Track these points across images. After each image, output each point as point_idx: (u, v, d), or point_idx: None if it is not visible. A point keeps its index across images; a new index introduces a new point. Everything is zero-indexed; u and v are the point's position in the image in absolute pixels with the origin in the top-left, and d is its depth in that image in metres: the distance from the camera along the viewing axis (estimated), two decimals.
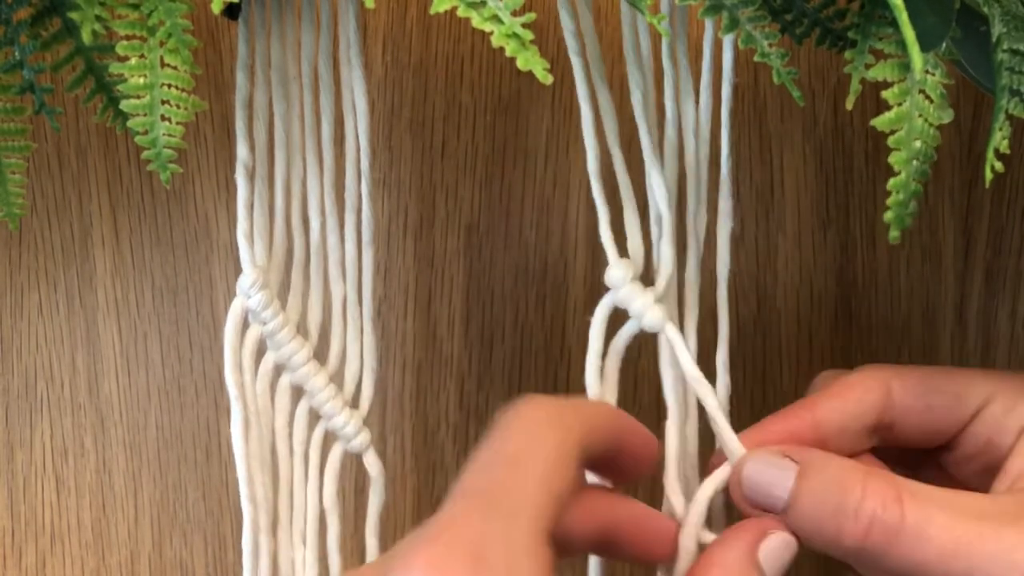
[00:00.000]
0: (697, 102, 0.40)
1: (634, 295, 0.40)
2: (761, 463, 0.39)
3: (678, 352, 0.40)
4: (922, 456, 0.43)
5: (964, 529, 0.36)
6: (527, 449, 0.34)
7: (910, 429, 0.41)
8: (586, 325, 0.41)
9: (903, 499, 0.37)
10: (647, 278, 0.41)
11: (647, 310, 0.40)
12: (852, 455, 0.40)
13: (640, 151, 0.41)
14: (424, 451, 0.56)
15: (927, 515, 0.36)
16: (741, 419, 0.48)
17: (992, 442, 0.40)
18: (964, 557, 0.36)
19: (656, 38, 0.39)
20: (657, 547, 0.40)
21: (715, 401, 0.41)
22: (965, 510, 0.37)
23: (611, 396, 0.41)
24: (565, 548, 0.36)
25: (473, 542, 0.31)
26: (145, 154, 0.38)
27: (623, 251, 0.41)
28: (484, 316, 0.55)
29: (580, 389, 0.42)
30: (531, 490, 0.33)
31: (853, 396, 0.41)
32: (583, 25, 0.39)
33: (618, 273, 0.41)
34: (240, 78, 0.41)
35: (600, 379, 0.41)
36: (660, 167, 0.41)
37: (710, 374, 0.42)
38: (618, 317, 0.41)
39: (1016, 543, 0.36)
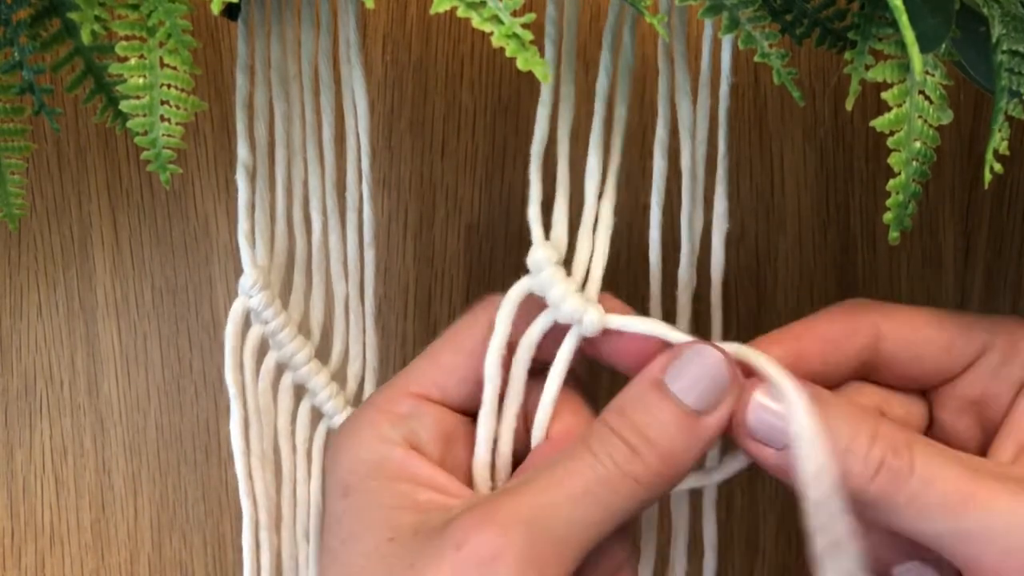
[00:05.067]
0: (695, 101, 0.40)
1: (554, 282, 0.38)
2: (771, 396, 0.36)
3: (630, 328, 0.38)
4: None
5: (972, 482, 0.35)
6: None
7: (895, 375, 0.39)
8: None
9: (913, 448, 0.36)
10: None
11: (567, 298, 0.37)
12: (830, 387, 0.39)
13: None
14: None
15: (936, 465, 0.35)
16: None
17: (987, 396, 0.39)
18: (969, 510, 0.35)
19: (646, 32, 0.39)
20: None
21: (680, 334, 0.38)
22: (975, 465, 0.36)
23: (515, 395, 0.39)
24: None
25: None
26: (145, 155, 0.38)
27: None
28: None
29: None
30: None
31: (834, 335, 0.39)
32: (567, 16, 0.39)
33: (540, 255, 0.38)
34: (240, 78, 0.41)
35: (499, 373, 0.38)
36: (600, 154, 0.39)
37: None
38: None
39: None
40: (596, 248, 0.39)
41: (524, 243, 0.54)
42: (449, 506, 0.36)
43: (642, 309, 0.41)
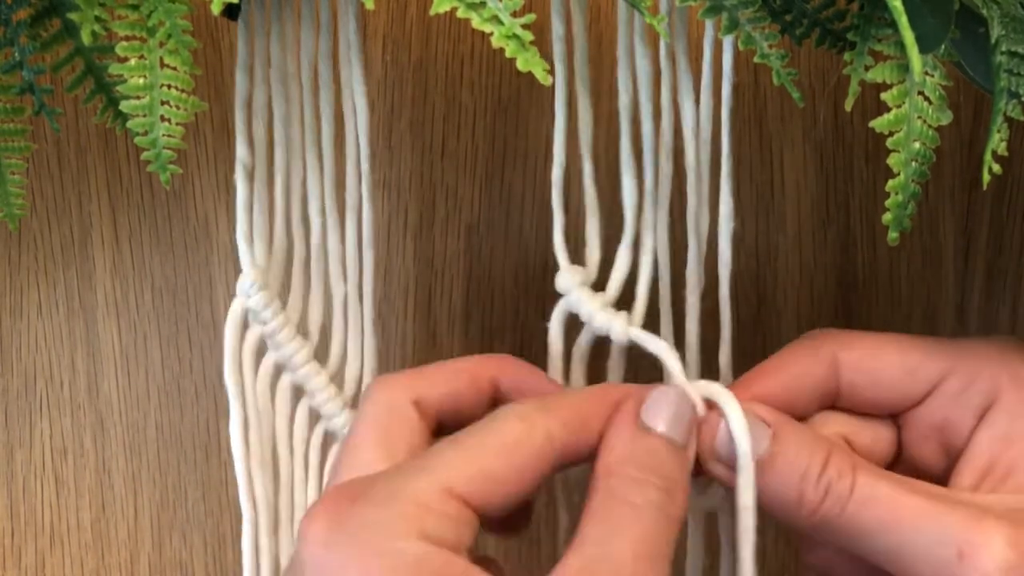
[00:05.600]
0: (697, 102, 0.40)
1: (582, 300, 0.41)
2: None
3: (633, 335, 0.41)
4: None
5: (905, 504, 0.36)
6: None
7: (858, 401, 0.40)
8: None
9: (856, 471, 0.37)
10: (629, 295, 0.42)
11: (596, 314, 0.41)
12: (798, 418, 0.40)
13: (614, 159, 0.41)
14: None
15: (874, 487, 0.37)
16: None
17: (949, 422, 0.40)
18: (898, 529, 0.36)
19: (654, 39, 0.39)
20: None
21: (677, 363, 0.40)
22: (916, 489, 0.37)
23: None
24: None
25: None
26: (145, 155, 0.38)
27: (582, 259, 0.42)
28: (484, 316, 0.55)
29: None
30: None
31: (796, 371, 0.40)
32: (576, 29, 0.39)
33: (566, 279, 0.41)
34: (240, 78, 0.41)
35: (566, 384, 0.42)
36: (633, 172, 0.41)
37: (712, 375, 0.42)
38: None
39: (958, 524, 0.36)
40: (641, 273, 0.42)
41: (524, 243, 0.55)
42: None
43: (652, 310, 0.42)
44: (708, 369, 0.42)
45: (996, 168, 0.35)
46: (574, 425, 0.37)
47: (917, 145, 0.35)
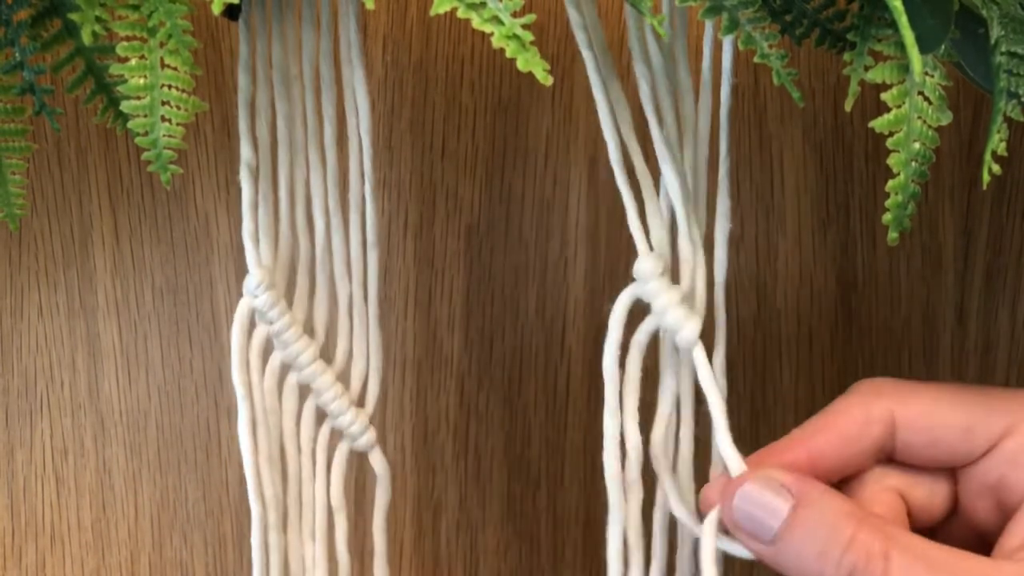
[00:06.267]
0: (697, 102, 0.40)
1: (660, 291, 0.39)
2: (758, 488, 0.37)
3: (695, 357, 0.39)
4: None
5: None
6: None
7: (914, 459, 0.39)
8: (587, 325, 0.41)
9: (891, 556, 0.36)
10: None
11: (670, 308, 0.39)
12: (852, 475, 0.40)
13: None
14: (424, 451, 0.56)
15: (911, 570, 0.35)
16: (741, 420, 0.48)
17: (1005, 481, 0.38)
18: None
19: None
20: None
21: (722, 414, 0.39)
22: (956, 568, 0.36)
23: (632, 391, 0.40)
24: None
25: None
26: (145, 155, 0.38)
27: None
28: (484, 316, 0.55)
29: (580, 389, 0.42)
30: None
31: (851, 430, 0.39)
32: (588, 19, 0.39)
33: (647, 266, 0.39)
34: (242, 78, 0.41)
35: (620, 372, 0.40)
36: (672, 161, 0.40)
37: None
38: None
39: None
40: (696, 265, 0.40)
41: (524, 243, 0.55)
42: None
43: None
44: None
45: (996, 168, 0.35)
46: None
47: (917, 145, 0.35)
